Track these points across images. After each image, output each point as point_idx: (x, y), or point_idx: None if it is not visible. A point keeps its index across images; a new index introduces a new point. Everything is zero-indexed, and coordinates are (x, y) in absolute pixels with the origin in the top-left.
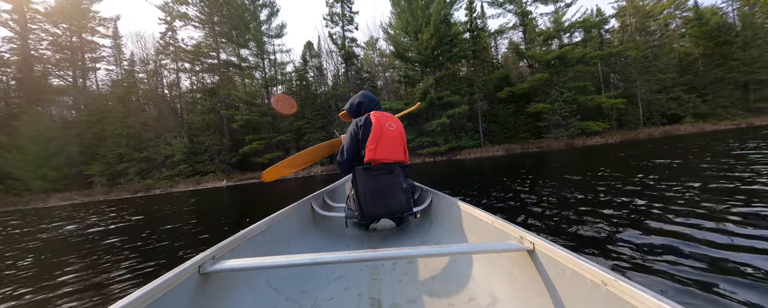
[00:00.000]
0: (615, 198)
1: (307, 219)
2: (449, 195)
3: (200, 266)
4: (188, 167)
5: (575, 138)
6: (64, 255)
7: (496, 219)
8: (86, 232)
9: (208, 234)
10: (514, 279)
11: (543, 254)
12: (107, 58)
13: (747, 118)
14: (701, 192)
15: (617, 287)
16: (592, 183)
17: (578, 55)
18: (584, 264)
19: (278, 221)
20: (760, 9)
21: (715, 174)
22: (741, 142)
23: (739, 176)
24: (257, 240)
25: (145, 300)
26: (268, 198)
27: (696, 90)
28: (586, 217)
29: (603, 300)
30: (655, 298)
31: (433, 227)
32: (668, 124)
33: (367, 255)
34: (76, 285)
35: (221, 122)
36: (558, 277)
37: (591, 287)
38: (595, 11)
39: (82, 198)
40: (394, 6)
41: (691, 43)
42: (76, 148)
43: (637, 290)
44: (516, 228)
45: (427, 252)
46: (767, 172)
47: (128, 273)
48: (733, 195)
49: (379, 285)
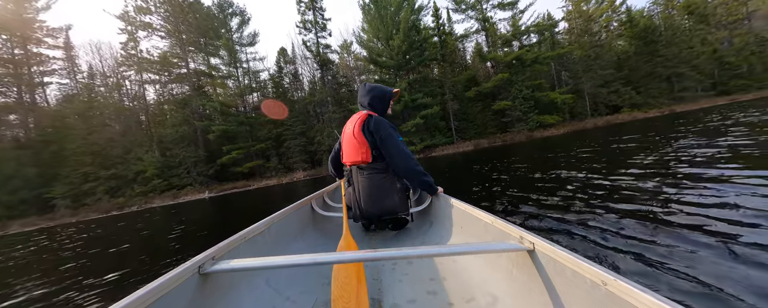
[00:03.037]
0: (555, 180)
1: (307, 220)
2: (449, 195)
3: (200, 266)
4: (163, 182)
5: (534, 130)
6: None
7: (495, 219)
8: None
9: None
10: (514, 278)
11: (543, 254)
12: (59, 71)
13: (671, 106)
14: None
15: (617, 287)
16: (540, 168)
17: (532, 56)
18: (584, 264)
19: (278, 221)
20: (678, 12)
21: (628, 156)
22: (645, 131)
23: (629, 161)
24: (257, 241)
25: (145, 300)
26: (255, 204)
27: (631, 83)
28: (533, 194)
29: (603, 299)
30: (655, 298)
31: (433, 227)
32: (610, 114)
33: (367, 255)
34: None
35: (195, 133)
36: (558, 277)
37: (591, 287)
38: (546, 15)
39: (47, 223)
40: (365, 14)
41: (626, 43)
42: (32, 169)
43: (637, 290)
44: (516, 228)
45: (427, 252)
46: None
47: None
48: (646, 175)
49: (380, 285)
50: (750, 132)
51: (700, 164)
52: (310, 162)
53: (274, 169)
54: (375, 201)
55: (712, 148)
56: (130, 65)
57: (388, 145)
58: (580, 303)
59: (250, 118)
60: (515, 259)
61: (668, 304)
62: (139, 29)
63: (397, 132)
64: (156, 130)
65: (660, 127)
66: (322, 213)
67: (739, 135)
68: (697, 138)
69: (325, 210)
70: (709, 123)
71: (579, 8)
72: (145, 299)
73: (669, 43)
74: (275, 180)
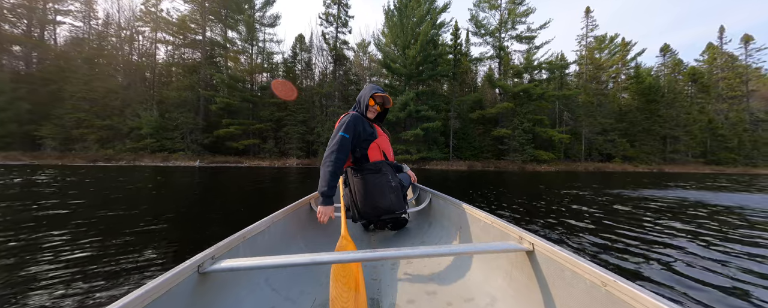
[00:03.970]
0: (539, 209)
1: (306, 219)
2: (448, 196)
3: (199, 266)
4: (155, 142)
5: (527, 163)
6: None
7: (495, 219)
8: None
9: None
10: (513, 279)
11: (542, 254)
12: (74, 13)
13: (660, 165)
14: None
15: (616, 287)
16: (524, 198)
17: (539, 91)
18: (583, 264)
19: (277, 221)
20: (683, 78)
21: (607, 207)
22: (635, 186)
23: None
24: (256, 240)
25: (145, 299)
26: (243, 181)
27: (628, 136)
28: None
29: (602, 300)
30: (654, 299)
31: (433, 227)
32: (602, 161)
33: (367, 255)
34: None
35: (198, 101)
36: (557, 277)
37: (590, 287)
38: (560, 56)
39: (31, 160)
40: (387, 20)
41: (630, 96)
42: (25, 104)
43: (636, 291)
44: (515, 228)
45: (427, 252)
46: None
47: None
48: (602, 231)
49: (378, 285)
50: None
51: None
52: (306, 151)
53: (269, 151)
54: (371, 202)
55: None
56: (146, 21)
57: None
58: (579, 303)
59: (254, 97)
60: (514, 259)
61: (667, 305)
62: None
63: (349, 126)
64: (159, 91)
65: (646, 184)
66: None
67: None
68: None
69: None
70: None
71: (591, 55)
72: (144, 298)
73: (669, 106)
74: (268, 163)
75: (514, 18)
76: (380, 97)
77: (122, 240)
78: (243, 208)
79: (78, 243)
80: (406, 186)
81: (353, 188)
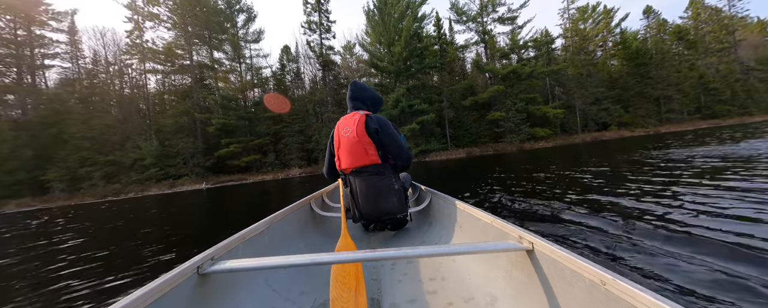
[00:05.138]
0: (535, 184)
1: (306, 220)
2: (448, 195)
3: (199, 267)
4: (159, 171)
5: (525, 142)
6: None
7: (495, 218)
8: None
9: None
10: (513, 278)
11: (542, 254)
12: (61, 55)
13: (656, 127)
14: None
15: (616, 286)
16: (523, 175)
17: (528, 70)
18: (583, 263)
19: (277, 222)
20: (669, 37)
21: (597, 170)
22: (629, 151)
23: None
24: (256, 241)
25: (144, 300)
26: (250, 195)
27: (621, 102)
28: (519, 197)
29: (602, 299)
30: (654, 298)
31: (433, 227)
32: (598, 130)
33: (367, 255)
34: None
35: (194, 125)
36: (557, 277)
37: (590, 286)
38: (544, 32)
39: (43, 204)
40: (369, 20)
41: (619, 63)
42: (29, 151)
43: (636, 290)
44: (515, 227)
45: (427, 252)
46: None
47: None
48: (601, 190)
49: (379, 285)
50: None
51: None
52: (306, 159)
53: (271, 165)
54: (373, 203)
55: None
56: (133, 54)
57: (396, 141)
58: (579, 302)
59: (249, 113)
60: (514, 259)
61: (667, 304)
62: (146, 19)
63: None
64: (155, 120)
65: (641, 146)
66: (321, 213)
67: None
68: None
69: (324, 210)
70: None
71: (576, 27)
72: (144, 299)
73: (659, 66)
74: (271, 176)
75: (494, 1)
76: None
77: (156, 260)
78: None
79: (117, 268)
80: (407, 187)
81: (355, 190)
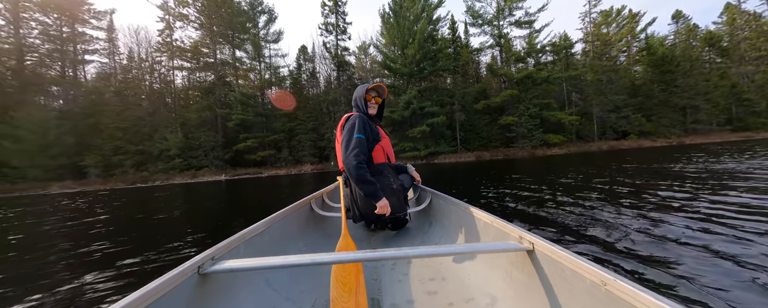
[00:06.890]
0: (543, 192)
1: (307, 220)
2: (449, 196)
3: (199, 266)
4: (183, 161)
5: (537, 148)
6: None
7: (495, 219)
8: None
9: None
10: (514, 278)
11: (542, 254)
12: (100, 51)
13: (680, 138)
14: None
15: (616, 287)
16: (529, 181)
17: (544, 75)
18: (584, 264)
19: (277, 221)
20: (700, 44)
21: (602, 181)
22: (643, 161)
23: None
24: (256, 241)
25: (145, 300)
26: (266, 188)
27: (643, 110)
28: (524, 202)
29: (602, 299)
30: (654, 298)
31: (433, 227)
32: (618, 139)
33: (367, 255)
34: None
35: (216, 120)
36: (557, 277)
37: (590, 287)
38: (563, 36)
39: (82, 187)
40: (384, 23)
41: (642, 69)
42: (71, 138)
43: (637, 290)
44: (515, 228)
45: (427, 252)
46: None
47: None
48: (603, 197)
49: (379, 285)
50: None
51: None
52: (318, 156)
53: (284, 160)
54: (372, 203)
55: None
56: (163, 51)
57: (343, 143)
58: (579, 303)
59: (266, 110)
60: (515, 259)
61: (667, 304)
62: (176, 20)
63: (360, 126)
64: (180, 113)
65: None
66: (322, 213)
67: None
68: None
69: (325, 210)
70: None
71: (598, 31)
72: (144, 299)
73: (687, 74)
74: (284, 171)
75: (511, 4)
76: (374, 89)
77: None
78: (277, 207)
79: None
80: (408, 187)
81: (354, 189)
